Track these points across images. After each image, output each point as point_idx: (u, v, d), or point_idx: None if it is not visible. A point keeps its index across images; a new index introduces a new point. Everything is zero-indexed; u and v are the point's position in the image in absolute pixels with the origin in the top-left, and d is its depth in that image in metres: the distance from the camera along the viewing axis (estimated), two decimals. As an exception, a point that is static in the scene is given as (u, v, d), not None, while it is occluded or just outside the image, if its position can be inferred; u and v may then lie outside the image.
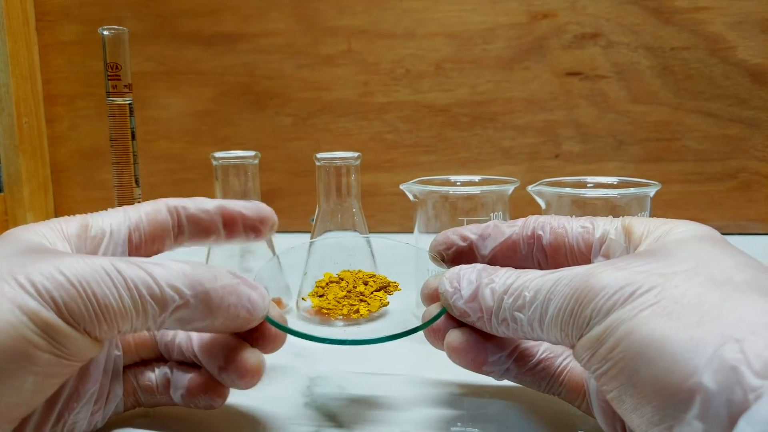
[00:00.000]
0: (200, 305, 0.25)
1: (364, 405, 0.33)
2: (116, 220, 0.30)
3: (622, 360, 0.21)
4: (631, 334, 0.20)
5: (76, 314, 0.22)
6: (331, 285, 0.36)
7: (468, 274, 0.28)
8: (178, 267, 0.25)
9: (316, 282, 0.35)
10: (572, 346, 0.24)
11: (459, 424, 0.30)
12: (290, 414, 0.32)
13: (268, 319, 0.28)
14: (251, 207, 0.33)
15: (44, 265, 0.23)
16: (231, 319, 0.26)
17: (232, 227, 0.32)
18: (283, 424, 0.31)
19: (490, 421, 0.31)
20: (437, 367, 0.35)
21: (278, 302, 0.47)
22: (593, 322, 0.22)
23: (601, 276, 0.23)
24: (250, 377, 0.27)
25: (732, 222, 0.70)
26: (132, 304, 0.23)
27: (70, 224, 0.29)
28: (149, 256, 0.31)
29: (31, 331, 0.21)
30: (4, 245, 0.26)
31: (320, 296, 0.35)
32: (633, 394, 0.20)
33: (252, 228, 0.33)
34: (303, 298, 0.37)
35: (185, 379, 0.29)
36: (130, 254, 0.30)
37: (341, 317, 0.35)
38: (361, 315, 0.35)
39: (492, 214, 0.42)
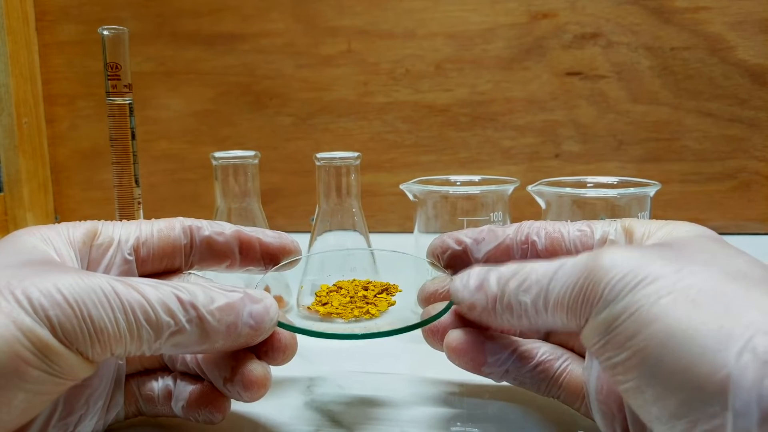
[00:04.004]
0: (195, 330, 0.24)
1: (363, 405, 0.33)
2: (126, 231, 0.29)
3: (644, 349, 0.20)
4: (655, 322, 0.20)
5: (70, 334, 0.22)
6: (331, 294, 0.36)
7: (477, 272, 0.28)
8: (169, 290, 0.24)
9: (316, 293, 0.35)
10: (579, 329, 0.23)
11: (459, 423, 0.30)
12: (290, 414, 0.32)
13: (280, 324, 0.27)
14: (272, 235, 0.32)
15: (43, 281, 0.22)
16: (233, 338, 0.25)
17: (249, 254, 0.31)
18: (282, 424, 0.31)
19: (490, 420, 0.31)
20: (437, 366, 0.35)
21: (279, 299, 0.47)
22: (605, 300, 0.21)
23: (613, 254, 0.22)
24: (256, 389, 0.27)
25: (732, 222, 0.70)
26: (127, 329, 0.23)
27: (78, 230, 0.28)
28: (157, 272, 0.30)
29: (24, 348, 0.21)
30: (7, 252, 0.25)
31: (324, 304, 0.35)
32: (654, 385, 0.20)
33: (270, 257, 0.32)
34: (308, 308, 0.37)
35: (186, 390, 0.29)
36: (138, 267, 0.29)
37: (354, 320, 0.35)
38: (374, 315, 0.34)
39: (492, 214, 0.42)
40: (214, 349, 0.26)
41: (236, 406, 0.32)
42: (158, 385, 0.30)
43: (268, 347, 0.28)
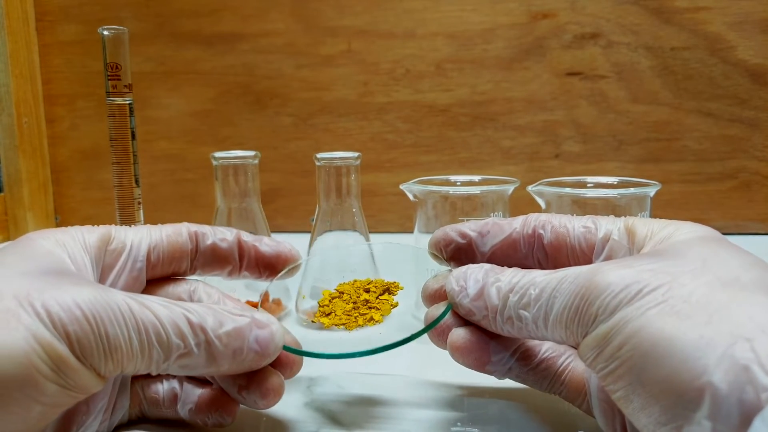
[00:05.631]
0: (203, 354, 0.25)
1: (364, 405, 0.33)
2: (138, 236, 0.30)
3: (630, 359, 0.21)
4: (639, 333, 0.20)
5: (87, 350, 0.22)
6: (334, 301, 0.36)
7: (475, 273, 0.28)
8: (180, 311, 0.24)
9: (319, 302, 0.35)
10: (577, 345, 0.24)
11: (459, 424, 0.30)
12: (290, 414, 0.32)
13: (285, 348, 0.28)
14: (268, 243, 0.32)
15: (62, 294, 0.22)
16: (238, 363, 0.25)
17: (246, 261, 0.32)
18: (283, 425, 0.31)
19: (491, 421, 0.31)
20: (437, 367, 0.35)
21: (278, 303, 0.47)
22: (599, 319, 0.22)
23: (607, 273, 0.23)
24: (272, 397, 0.27)
25: (732, 222, 0.70)
26: (140, 348, 0.23)
27: (92, 235, 0.28)
28: (165, 276, 0.31)
29: (42, 362, 0.21)
30: (24, 257, 0.25)
31: (327, 315, 0.35)
32: (641, 394, 0.20)
33: (266, 265, 0.32)
34: (312, 320, 0.37)
35: (195, 394, 0.29)
36: (147, 272, 0.30)
37: (358, 329, 0.35)
38: (377, 322, 0.35)
39: (492, 214, 0.42)
40: (219, 372, 0.26)
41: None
42: (163, 387, 0.30)
43: (274, 363, 0.28)
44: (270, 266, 0.32)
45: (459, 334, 0.28)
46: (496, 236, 0.30)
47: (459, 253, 0.31)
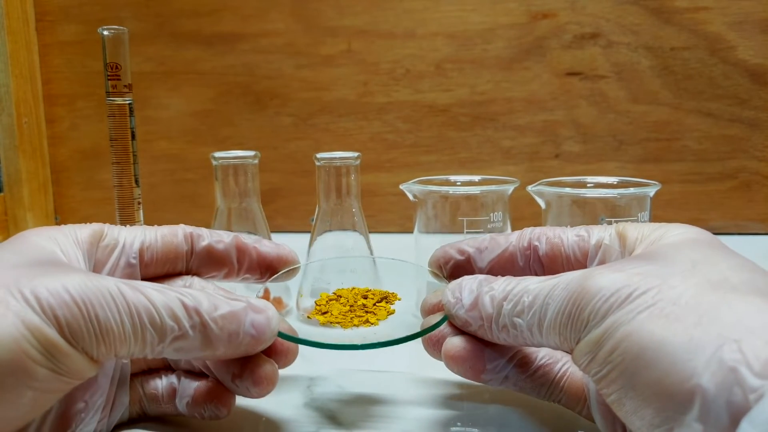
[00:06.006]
0: (198, 336, 0.25)
1: (363, 404, 0.33)
2: (131, 234, 0.30)
3: (621, 363, 0.21)
4: (630, 337, 0.21)
5: (77, 334, 0.22)
6: (331, 302, 0.36)
7: (469, 284, 0.28)
8: (175, 295, 0.24)
9: (316, 302, 0.35)
10: (571, 351, 0.24)
11: (459, 424, 0.31)
12: (290, 414, 0.32)
13: (280, 334, 0.28)
14: (269, 244, 0.32)
15: (51, 280, 0.23)
16: (234, 347, 0.25)
17: (246, 262, 0.32)
18: (283, 425, 0.31)
19: (490, 421, 0.31)
20: (437, 366, 0.35)
21: (279, 301, 0.47)
22: (591, 324, 0.22)
23: (598, 278, 0.23)
24: (265, 385, 0.27)
25: (732, 222, 0.70)
26: (132, 331, 0.23)
27: (84, 231, 0.29)
28: (158, 276, 0.31)
29: (31, 347, 0.21)
30: (15, 252, 0.26)
31: (324, 313, 0.35)
32: (633, 397, 0.20)
33: (267, 266, 0.32)
34: (308, 317, 0.37)
35: (191, 387, 0.29)
36: (141, 271, 0.30)
37: (353, 328, 0.35)
38: (372, 325, 0.35)
39: (492, 214, 0.42)
40: (215, 356, 0.26)
41: (237, 407, 0.32)
42: (162, 383, 0.30)
43: (270, 351, 0.28)
44: (271, 267, 0.32)
45: (453, 342, 0.28)
46: (493, 251, 0.31)
47: (458, 270, 0.32)
